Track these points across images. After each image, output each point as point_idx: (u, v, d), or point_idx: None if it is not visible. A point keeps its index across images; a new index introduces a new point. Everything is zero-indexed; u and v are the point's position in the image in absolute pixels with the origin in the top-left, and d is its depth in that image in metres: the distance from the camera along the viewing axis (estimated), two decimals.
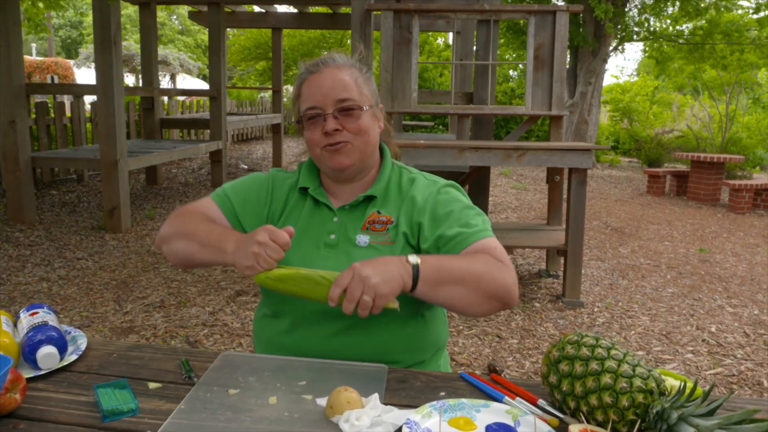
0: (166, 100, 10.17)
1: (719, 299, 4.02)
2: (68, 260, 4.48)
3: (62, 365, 1.12)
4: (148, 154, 6.02)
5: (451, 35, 9.14)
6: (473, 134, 5.28)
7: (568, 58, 9.59)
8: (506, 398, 1.02)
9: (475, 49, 5.55)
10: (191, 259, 1.24)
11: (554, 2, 8.54)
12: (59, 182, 7.21)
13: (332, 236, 1.26)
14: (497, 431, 0.92)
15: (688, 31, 11.08)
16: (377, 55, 9.70)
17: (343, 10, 8.72)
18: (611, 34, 9.62)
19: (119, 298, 3.73)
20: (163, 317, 3.43)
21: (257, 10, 9.58)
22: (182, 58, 22.96)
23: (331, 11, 9.11)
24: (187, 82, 23.80)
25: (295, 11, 9.46)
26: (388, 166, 1.33)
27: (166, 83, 21.18)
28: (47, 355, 1.09)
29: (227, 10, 8.78)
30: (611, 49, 10.54)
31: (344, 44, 15.94)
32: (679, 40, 10.99)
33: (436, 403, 0.98)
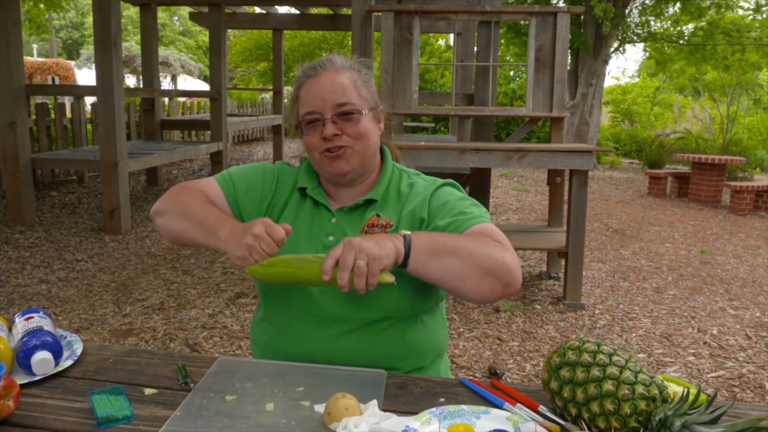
0: (166, 101, 10.17)
1: (721, 301, 4.00)
2: (68, 262, 4.47)
3: (57, 371, 1.11)
4: (148, 155, 6.02)
5: (452, 36, 9.13)
6: (474, 136, 5.27)
7: (569, 59, 9.58)
8: (507, 404, 1.01)
9: (476, 50, 5.55)
10: (183, 236, 1.24)
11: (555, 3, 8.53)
12: (59, 183, 7.21)
13: (330, 238, 1.25)
14: None
15: (688, 32, 11.06)
16: (378, 56, 9.70)
17: (343, 11, 8.73)
18: (609, 34, 9.59)
19: (118, 300, 3.72)
20: (162, 319, 3.42)
21: (258, 11, 9.59)
22: (183, 59, 22.96)
23: (331, 12, 9.11)
24: (188, 83, 23.78)
25: (295, 12, 9.46)
26: (389, 169, 1.31)
27: (167, 84, 21.17)
28: (42, 360, 1.08)
29: (228, 11, 8.78)
30: (612, 50, 10.53)
31: (345, 45, 15.94)
32: (679, 41, 10.97)
33: (435, 409, 0.96)
